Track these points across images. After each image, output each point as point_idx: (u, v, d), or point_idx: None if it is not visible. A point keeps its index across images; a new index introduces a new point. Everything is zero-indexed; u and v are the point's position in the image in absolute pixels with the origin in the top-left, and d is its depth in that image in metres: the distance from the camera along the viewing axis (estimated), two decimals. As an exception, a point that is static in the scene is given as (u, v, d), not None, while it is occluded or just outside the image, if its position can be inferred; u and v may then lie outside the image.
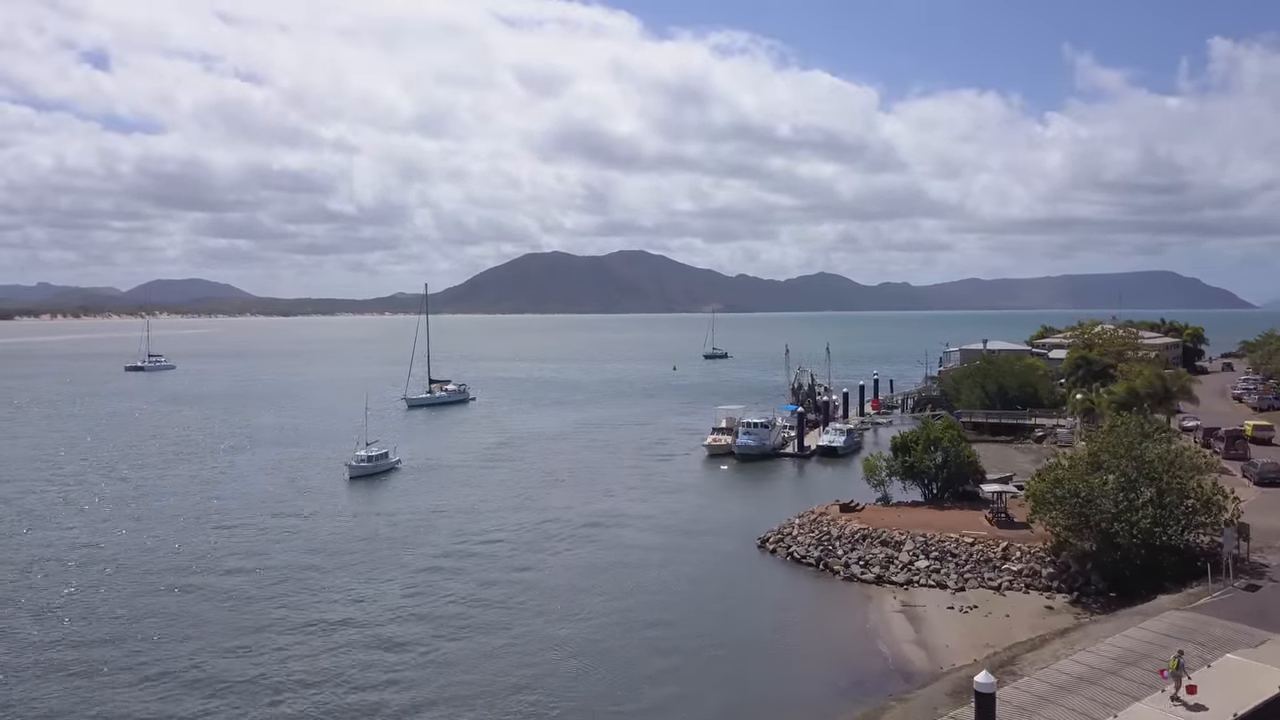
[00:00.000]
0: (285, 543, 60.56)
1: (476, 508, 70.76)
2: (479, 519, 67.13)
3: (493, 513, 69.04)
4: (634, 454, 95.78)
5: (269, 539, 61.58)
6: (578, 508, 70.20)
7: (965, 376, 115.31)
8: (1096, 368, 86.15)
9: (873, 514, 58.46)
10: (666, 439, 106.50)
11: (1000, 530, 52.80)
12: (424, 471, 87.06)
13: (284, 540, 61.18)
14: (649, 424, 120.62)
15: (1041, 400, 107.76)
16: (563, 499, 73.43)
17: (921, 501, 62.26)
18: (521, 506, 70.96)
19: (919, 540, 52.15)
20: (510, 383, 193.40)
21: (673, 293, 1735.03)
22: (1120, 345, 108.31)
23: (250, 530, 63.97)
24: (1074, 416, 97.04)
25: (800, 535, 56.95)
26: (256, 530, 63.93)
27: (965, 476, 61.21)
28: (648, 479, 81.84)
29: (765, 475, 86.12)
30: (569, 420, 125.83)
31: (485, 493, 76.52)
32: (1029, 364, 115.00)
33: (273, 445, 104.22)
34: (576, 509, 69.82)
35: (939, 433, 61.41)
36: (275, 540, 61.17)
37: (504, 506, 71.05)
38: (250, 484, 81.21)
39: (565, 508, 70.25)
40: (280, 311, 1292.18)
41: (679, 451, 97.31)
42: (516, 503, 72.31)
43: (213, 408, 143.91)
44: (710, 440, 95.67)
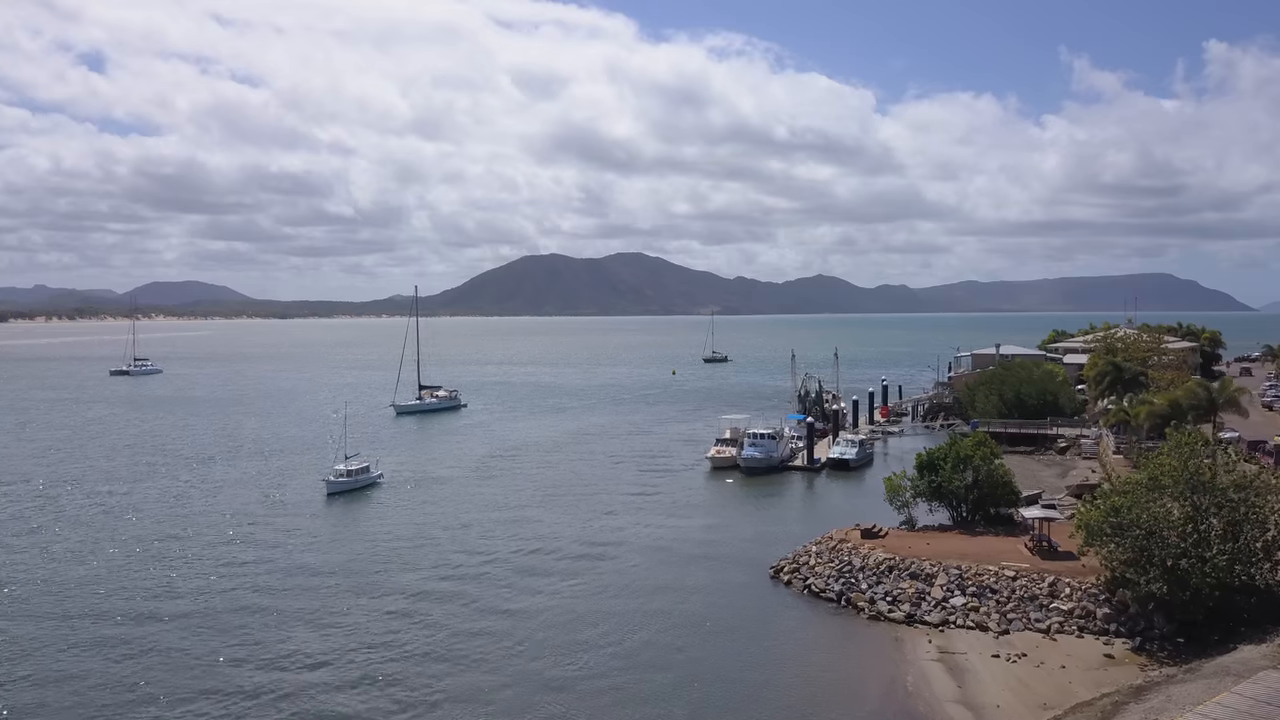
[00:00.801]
0: (248, 573, 54.84)
1: (464, 529, 65.11)
2: (466, 542, 61.48)
3: (482, 535, 63.37)
4: (634, 467, 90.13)
5: (232, 568, 55.87)
6: (574, 530, 64.58)
7: (981, 383, 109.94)
8: (1127, 375, 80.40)
9: (898, 541, 52.84)
10: (667, 450, 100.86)
11: (1044, 561, 47.21)
12: (409, 486, 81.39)
13: (248, 570, 55.46)
14: (649, 433, 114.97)
15: (1063, 409, 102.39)
16: (558, 519, 67.79)
17: (950, 525, 56.69)
18: (513, 528, 65.30)
19: (953, 573, 46.53)
20: (505, 387, 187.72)
21: (670, 295, 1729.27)
22: (1145, 351, 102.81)
23: (212, 557, 58.25)
24: (1102, 427, 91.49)
25: (819, 565, 51.32)
26: (219, 558, 58.19)
27: (998, 498, 55.53)
28: (649, 496, 76.20)
29: (773, 491, 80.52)
30: (565, 428, 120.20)
31: (474, 512, 70.86)
32: (1048, 370, 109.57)
33: (250, 456, 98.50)
34: (573, 531, 64.19)
35: (969, 449, 55.78)
36: (238, 569, 55.46)
37: (494, 528, 65.39)
38: (220, 501, 75.51)
39: (561, 530, 64.63)
40: (277, 314, 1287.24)
41: (681, 464, 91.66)
42: (508, 524, 66.64)
43: (193, 415, 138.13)
44: (713, 452, 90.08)
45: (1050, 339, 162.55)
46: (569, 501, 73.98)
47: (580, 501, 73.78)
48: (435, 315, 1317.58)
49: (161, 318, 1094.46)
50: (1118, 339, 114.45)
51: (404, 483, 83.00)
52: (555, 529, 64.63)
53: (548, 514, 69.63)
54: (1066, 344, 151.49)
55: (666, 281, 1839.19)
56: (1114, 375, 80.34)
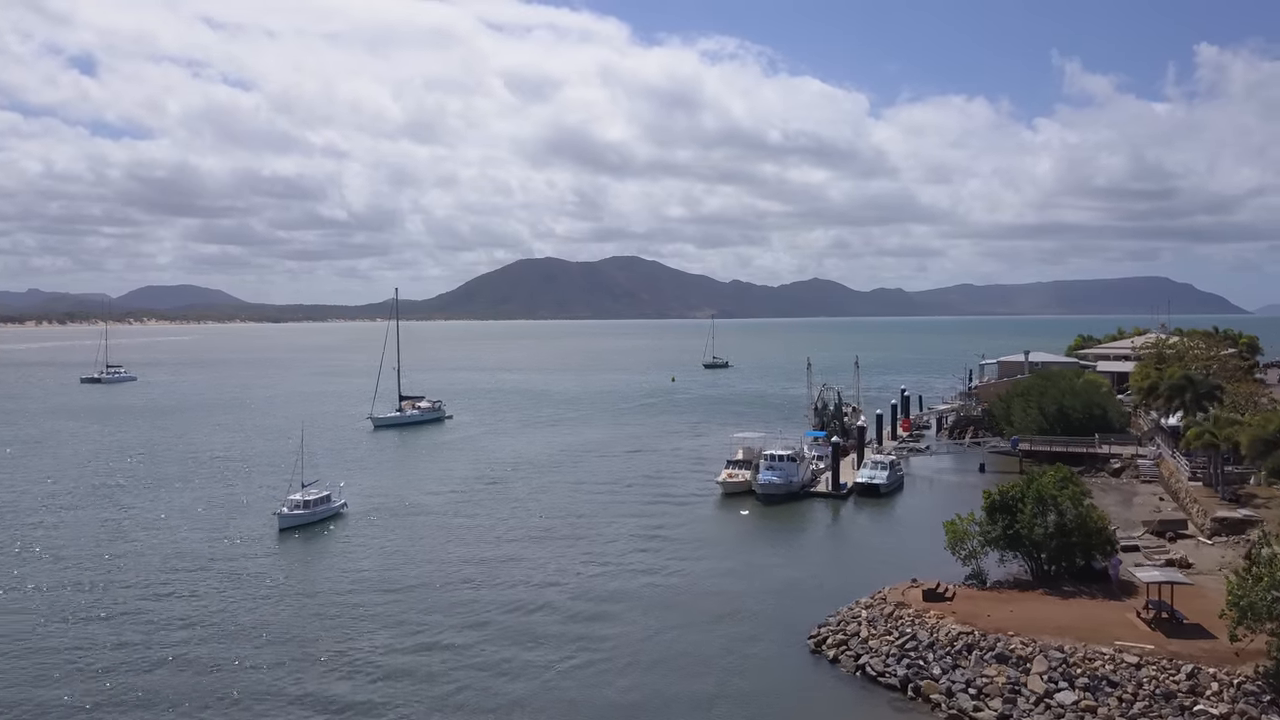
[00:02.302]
0: (164, 643, 44.23)
1: (436, 579, 54.50)
2: (438, 597, 50.95)
3: (458, 588, 52.79)
4: (635, 494, 79.52)
5: (147, 633, 45.29)
6: (568, 578, 54.03)
7: (1016, 394, 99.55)
8: (1202, 389, 70.05)
9: (970, 604, 42.37)
10: (672, 471, 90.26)
11: (1170, 641, 36.73)
12: (376, 519, 70.77)
13: (164, 639, 44.86)
14: (650, 450, 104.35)
15: (1112, 423, 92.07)
16: (550, 564, 57.20)
17: (1028, 581, 46.16)
18: (496, 577, 54.71)
19: (1054, 656, 36.03)
20: (496, 396, 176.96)
21: (666, 299, 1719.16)
22: (1205, 360, 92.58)
23: (128, 617, 47.69)
24: (1161, 445, 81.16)
25: (873, 637, 40.83)
26: (135, 618, 47.60)
27: (1091, 547, 45.01)
28: (654, 531, 65.55)
29: (796, 524, 70.08)
30: (559, 444, 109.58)
31: (451, 554, 60.27)
32: (1091, 380, 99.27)
33: (205, 479, 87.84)
34: (567, 580, 53.66)
35: (1052, 487, 45.31)
36: (153, 636, 44.86)
37: (473, 577, 54.80)
38: (157, 538, 64.89)
39: (552, 578, 54.10)
40: (271, 318, 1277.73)
41: (688, 489, 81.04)
42: (490, 571, 56.04)
43: (157, 428, 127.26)
44: (725, 476, 79.59)
45: (1077, 344, 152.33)
46: (563, 540, 63.36)
47: (576, 539, 63.15)
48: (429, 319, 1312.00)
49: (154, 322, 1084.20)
50: (1169, 346, 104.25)
51: (371, 513, 72.41)
52: (546, 577, 54.07)
53: (538, 556, 59.07)
54: (1097, 350, 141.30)
55: (662, 285, 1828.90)
56: (1188, 388, 69.91)
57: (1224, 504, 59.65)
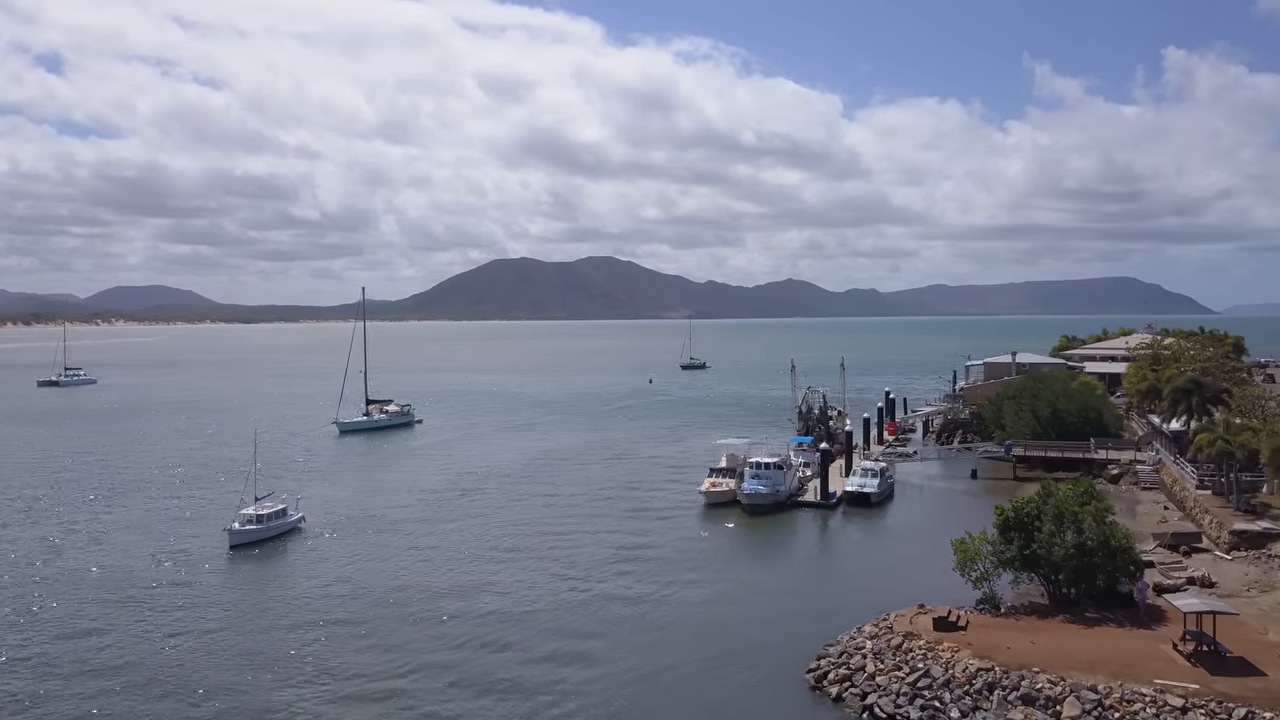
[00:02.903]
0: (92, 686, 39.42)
1: (400, 605, 49.94)
2: (403, 627, 46.44)
3: (424, 615, 48.26)
4: (613, 505, 75.13)
5: (81, 666, 40.49)
6: (543, 605, 49.60)
7: (1007, 397, 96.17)
8: (1209, 393, 66.75)
9: (986, 634, 38.43)
10: (651, 480, 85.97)
11: (1215, 678, 32.96)
12: (336, 534, 66.00)
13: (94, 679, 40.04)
14: (628, 456, 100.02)
15: (1108, 428, 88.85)
16: (522, 588, 52.75)
17: (1045, 605, 42.29)
18: (464, 604, 50.21)
19: (1087, 698, 32.14)
20: (469, 399, 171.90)
21: (642, 299, 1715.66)
22: (1202, 362, 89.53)
23: (55, 653, 42.76)
24: (1160, 450, 77.98)
25: (879, 672, 36.77)
26: (63, 656, 42.69)
27: (1113, 571, 41.14)
28: (634, 548, 61.17)
29: (785, 538, 66.08)
30: (533, 450, 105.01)
31: (416, 575, 55.69)
32: (1086, 382, 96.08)
33: (157, 489, 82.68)
34: (541, 607, 49.23)
35: (1072, 502, 41.46)
36: (87, 669, 40.06)
37: (438, 603, 50.30)
38: (97, 558, 59.86)
39: (525, 604, 49.69)
40: (243, 319, 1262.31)
41: (669, 500, 76.76)
42: (458, 596, 51.54)
43: (111, 434, 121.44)
44: (708, 485, 75.44)
45: (1062, 345, 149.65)
46: (537, 558, 58.87)
47: (551, 558, 58.64)
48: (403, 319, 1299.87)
49: (122, 323, 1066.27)
50: (1164, 347, 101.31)
51: (332, 528, 67.63)
52: (518, 604, 49.60)
53: (510, 578, 54.61)
54: (1083, 350, 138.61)
55: (638, 285, 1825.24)
56: (1195, 392, 66.56)
57: (1240, 515, 56.27)
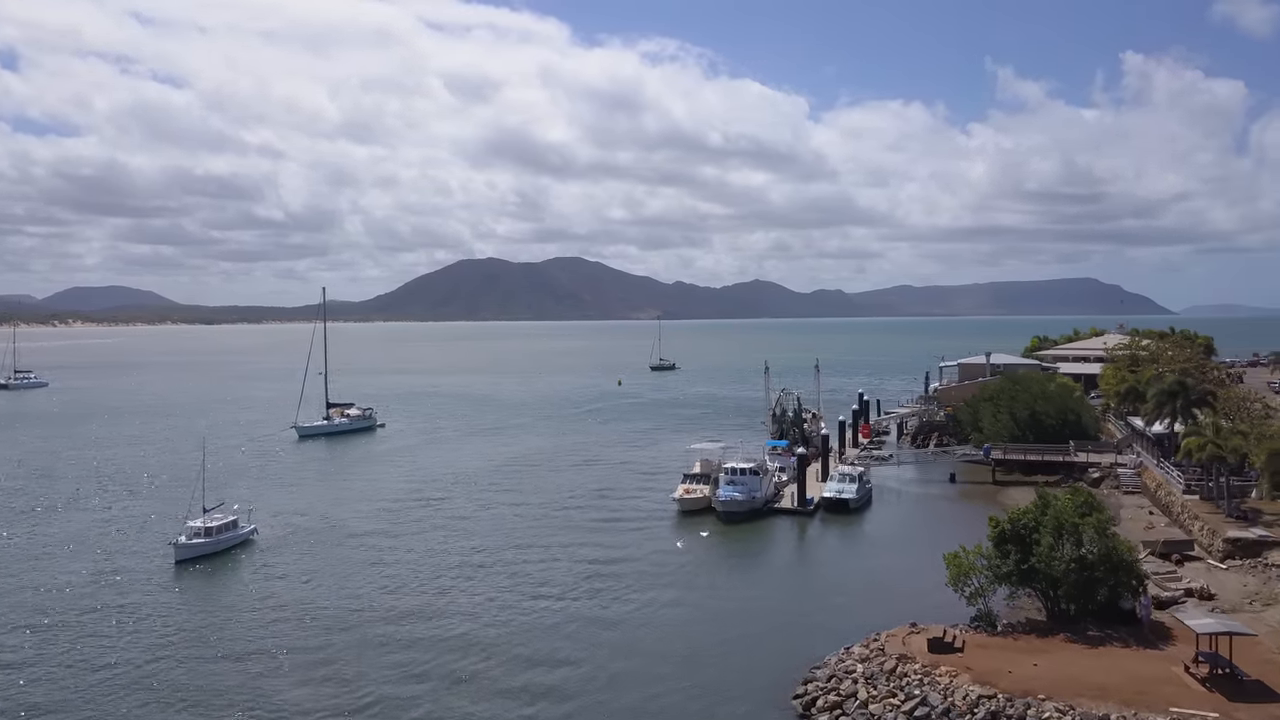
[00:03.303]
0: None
1: (359, 624, 46.75)
2: (361, 647, 43.27)
3: (384, 635, 45.11)
4: (584, 514, 72.16)
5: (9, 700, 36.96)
6: (512, 623, 46.60)
7: (985, 399, 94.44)
8: (1194, 395, 65.17)
9: (984, 656, 36.02)
10: (623, 486, 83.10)
11: (1234, 704, 30.74)
12: (292, 546, 62.53)
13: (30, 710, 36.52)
14: (598, 461, 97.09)
15: (1087, 430, 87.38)
16: (491, 606, 49.68)
17: (1042, 622, 39.95)
18: (429, 620, 47.16)
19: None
20: (434, 401, 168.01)
21: (609, 300, 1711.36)
22: (1182, 363, 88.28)
23: None
24: (1141, 453, 76.42)
25: (873, 700, 34.22)
26: None
27: (1115, 586, 38.85)
28: (606, 560, 58.24)
29: (763, 547, 63.54)
30: (499, 455, 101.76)
31: (376, 590, 52.42)
32: (1064, 384, 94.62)
33: (104, 499, 78.59)
34: (510, 626, 46.23)
35: (1071, 514, 39.18)
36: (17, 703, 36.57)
37: (397, 622, 47.17)
38: (37, 575, 56.01)
39: (494, 622, 46.70)
40: (205, 320, 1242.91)
41: (641, 508, 73.89)
42: (423, 612, 48.43)
43: (59, 439, 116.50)
44: (681, 492, 72.75)
45: (1034, 345, 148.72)
46: (505, 572, 55.77)
47: (521, 574, 55.42)
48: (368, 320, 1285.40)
49: (80, 324, 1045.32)
50: (1142, 348, 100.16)
51: (287, 540, 64.14)
52: (488, 628, 46.36)
53: (476, 595, 51.53)
54: (1055, 351, 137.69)
55: (605, 286, 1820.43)
56: (1180, 394, 64.94)
57: (1231, 522, 54.49)
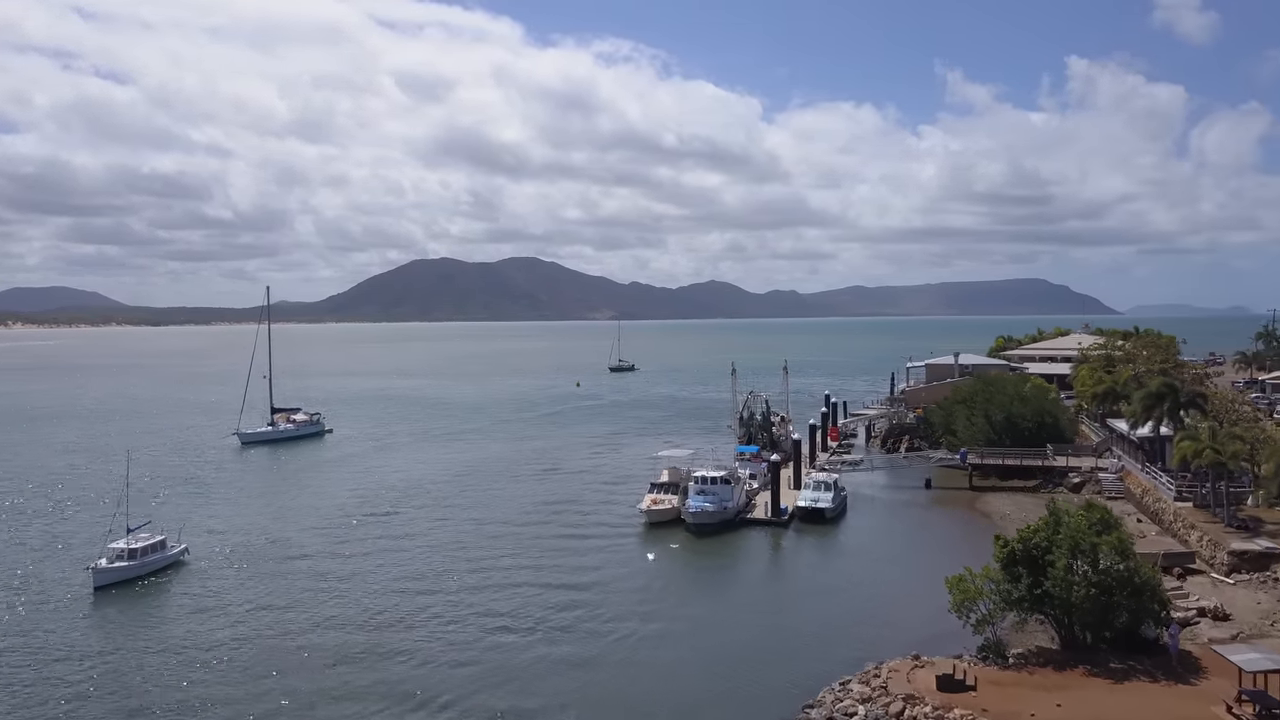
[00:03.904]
0: None
1: (300, 657, 41.89)
2: (301, 685, 38.38)
3: (328, 671, 40.28)
4: (547, 526, 67.59)
5: None
6: (475, 673, 41.86)
7: (958, 401, 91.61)
8: (1184, 398, 62.44)
9: (999, 695, 32.28)
10: (586, 496, 78.66)
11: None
12: (227, 568, 57.24)
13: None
14: (559, 469, 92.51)
15: (1063, 433, 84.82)
16: (447, 634, 45.07)
17: (1056, 652, 36.30)
18: (378, 652, 42.40)
19: (1143, 784, 26.09)
20: (387, 405, 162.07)
21: (566, 300, 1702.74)
22: (1160, 364, 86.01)
23: None
24: (1122, 457, 73.74)
25: (879, 747, 30.30)
26: None
27: (1138, 612, 35.30)
28: (570, 580, 53.71)
29: (737, 562, 59.55)
30: (456, 463, 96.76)
31: (320, 619, 47.44)
32: (1040, 385, 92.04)
33: (20, 519, 72.40)
34: (472, 675, 41.50)
35: (1085, 532, 35.59)
36: None
37: (349, 653, 42.36)
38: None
39: (450, 654, 42.14)
40: (151, 321, 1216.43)
41: (606, 520, 69.48)
42: (371, 643, 43.66)
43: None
44: (648, 503, 68.53)
45: (999, 345, 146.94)
46: (462, 595, 51.02)
47: (479, 600, 50.59)
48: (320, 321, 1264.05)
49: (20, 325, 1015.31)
50: (1118, 348, 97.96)
51: (222, 561, 58.82)
52: (443, 665, 41.63)
53: (431, 621, 46.84)
54: (1022, 351, 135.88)
55: (562, 286, 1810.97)
56: (1168, 396, 62.15)
57: (1233, 532, 51.58)
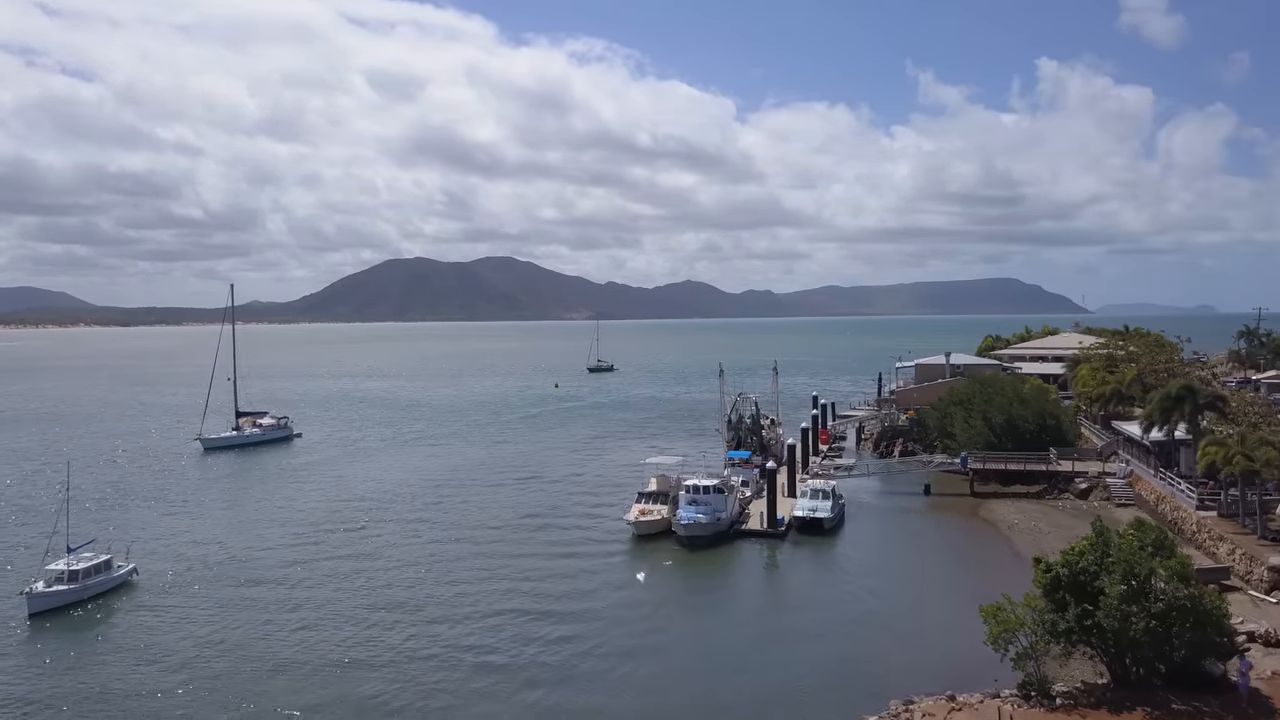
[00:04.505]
0: None
1: (255, 693, 37.26)
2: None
3: (287, 711, 35.72)
4: (527, 541, 63.06)
5: None
6: (443, 696, 37.52)
7: (955, 403, 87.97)
8: (1203, 400, 58.95)
9: (1052, 744, 28.27)
10: (569, 506, 74.21)
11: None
12: (180, 590, 52.42)
13: None
14: (540, 476, 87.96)
15: (1065, 436, 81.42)
16: (418, 669, 40.59)
17: (1106, 688, 32.33)
18: (341, 693, 37.86)
19: None
20: (359, 408, 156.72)
21: (543, 300, 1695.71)
22: (1166, 364, 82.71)
23: None
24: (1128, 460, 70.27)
25: (921, 811, 26.20)
26: None
27: (1199, 645, 31.43)
28: (555, 611, 48.93)
29: (733, 579, 55.46)
30: (431, 470, 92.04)
31: (277, 656, 42.81)
32: (1040, 386, 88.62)
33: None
34: (440, 699, 37.15)
35: (1136, 554, 31.66)
36: None
37: (309, 692, 37.80)
38: None
39: (421, 697, 37.58)
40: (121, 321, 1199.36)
41: (591, 533, 65.05)
42: (334, 681, 39.14)
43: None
44: (636, 514, 64.25)
45: (988, 344, 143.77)
46: (438, 634, 46.33)
47: (457, 634, 45.95)
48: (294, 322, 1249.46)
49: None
50: (1120, 348, 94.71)
51: (176, 582, 53.98)
52: (409, 695, 37.39)
53: (400, 654, 42.34)
54: (1012, 350, 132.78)
55: (538, 286, 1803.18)
56: (1188, 399, 58.65)
57: (1269, 545, 48.11)
